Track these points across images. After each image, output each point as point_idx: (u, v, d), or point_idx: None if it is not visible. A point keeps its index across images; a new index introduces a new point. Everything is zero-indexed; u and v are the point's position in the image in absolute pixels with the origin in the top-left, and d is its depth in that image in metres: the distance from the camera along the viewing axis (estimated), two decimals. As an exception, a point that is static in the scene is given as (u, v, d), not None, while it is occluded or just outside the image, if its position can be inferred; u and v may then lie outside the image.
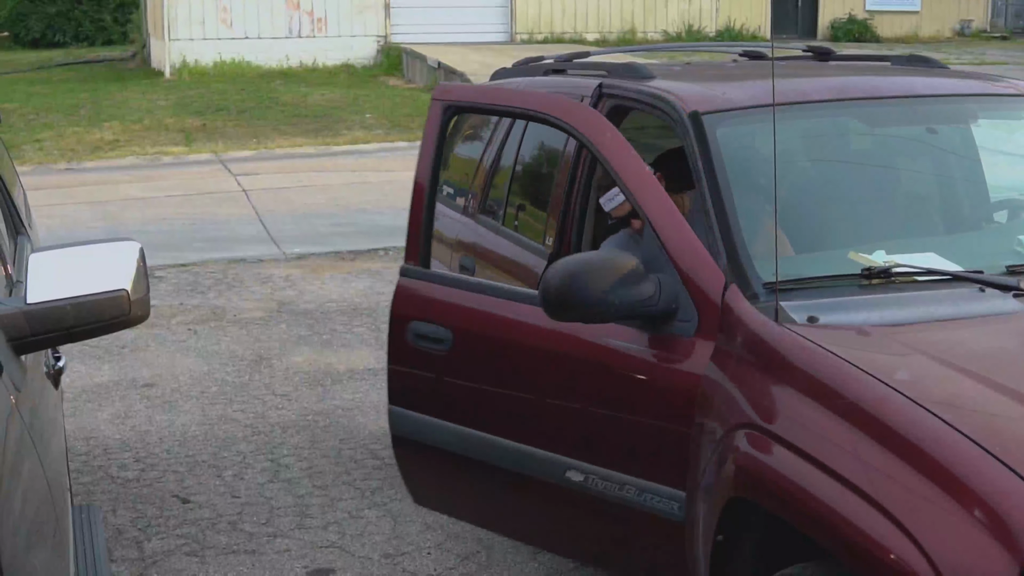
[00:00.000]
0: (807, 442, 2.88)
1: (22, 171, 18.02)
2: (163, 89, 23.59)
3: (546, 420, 3.94)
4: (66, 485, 3.46)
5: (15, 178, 5.69)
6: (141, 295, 2.74)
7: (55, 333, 2.65)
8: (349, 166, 16.68)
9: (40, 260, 2.66)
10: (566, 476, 3.79)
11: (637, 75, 4.39)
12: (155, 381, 7.53)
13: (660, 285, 3.43)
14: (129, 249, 2.76)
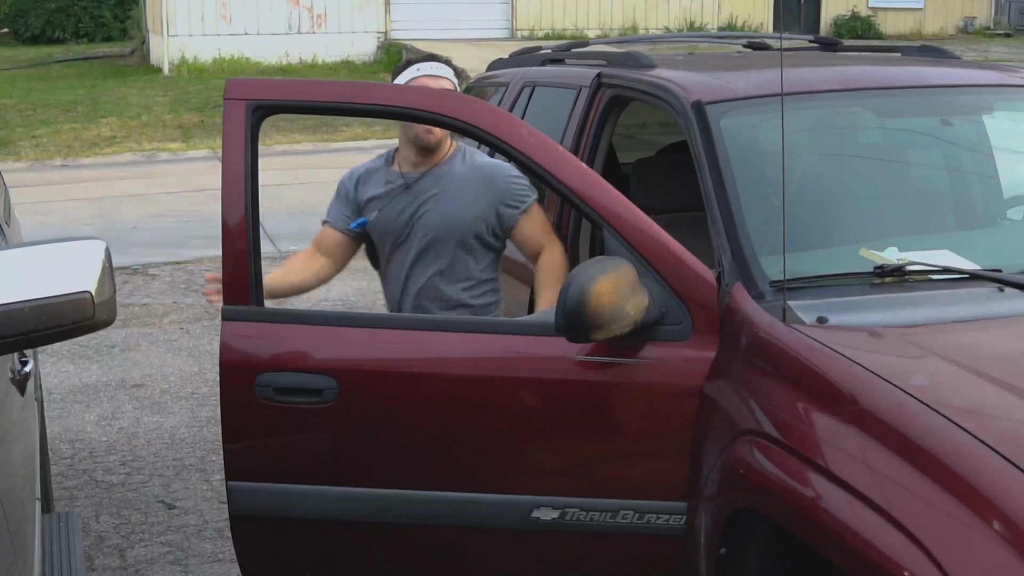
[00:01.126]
0: (816, 450, 2.70)
1: (17, 167, 17.96)
2: (161, 85, 23.43)
3: (496, 459, 3.37)
4: (33, 494, 3.29)
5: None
6: (106, 297, 2.55)
7: (12, 338, 2.46)
8: (348, 163, 16.47)
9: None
10: (533, 516, 3.29)
11: (638, 64, 4.21)
12: (144, 381, 7.36)
13: (651, 290, 3.18)
14: (94, 248, 2.58)
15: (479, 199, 4.04)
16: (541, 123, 4.79)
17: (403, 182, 4.09)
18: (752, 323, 3.07)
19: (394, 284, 4.16)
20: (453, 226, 4.04)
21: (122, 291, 9.79)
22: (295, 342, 3.41)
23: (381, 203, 4.10)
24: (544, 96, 4.83)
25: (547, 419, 3.34)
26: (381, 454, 3.40)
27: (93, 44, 34.58)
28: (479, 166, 4.11)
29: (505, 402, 3.32)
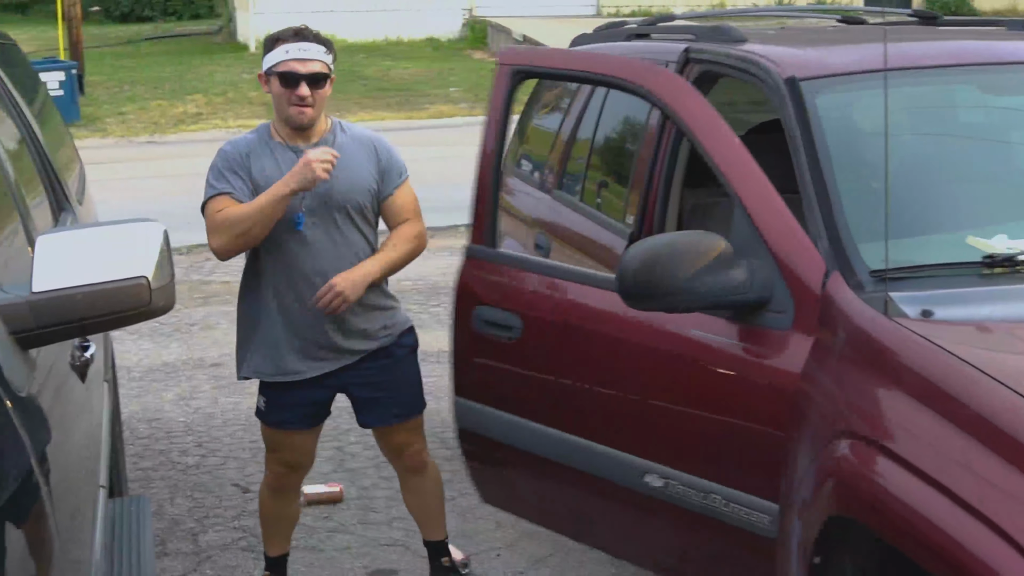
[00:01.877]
0: (921, 456, 2.49)
1: (105, 144, 18.09)
2: (248, 63, 23.46)
3: (623, 418, 3.57)
4: (95, 481, 3.18)
5: (72, 153, 5.45)
6: (164, 283, 2.42)
7: (65, 325, 2.34)
8: (432, 140, 16.38)
9: (49, 243, 2.36)
10: (644, 480, 3.43)
11: (728, 38, 4.00)
12: (223, 361, 7.28)
13: (753, 271, 3.05)
14: (152, 231, 2.45)
15: (368, 166, 4.04)
16: (626, 101, 4.60)
17: (293, 156, 3.97)
18: (850, 316, 2.87)
19: (283, 260, 4.01)
20: (355, 193, 4.00)
21: (203, 269, 9.76)
22: (502, 283, 3.92)
23: (268, 176, 3.97)
24: (630, 72, 4.63)
25: (661, 388, 3.42)
26: (545, 393, 3.78)
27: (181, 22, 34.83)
28: (359, 135, 4.11)
29: (632, 365, 3.51)
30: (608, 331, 3.58)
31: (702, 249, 3.05)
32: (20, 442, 2.08)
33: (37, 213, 3.55)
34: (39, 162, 3.94)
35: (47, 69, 18.28)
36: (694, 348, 3.33)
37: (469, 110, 18.66)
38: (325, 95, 3.95)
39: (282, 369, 4.08)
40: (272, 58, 3.91)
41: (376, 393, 4.17)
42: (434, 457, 5.56)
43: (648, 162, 4.12)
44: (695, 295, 3.04)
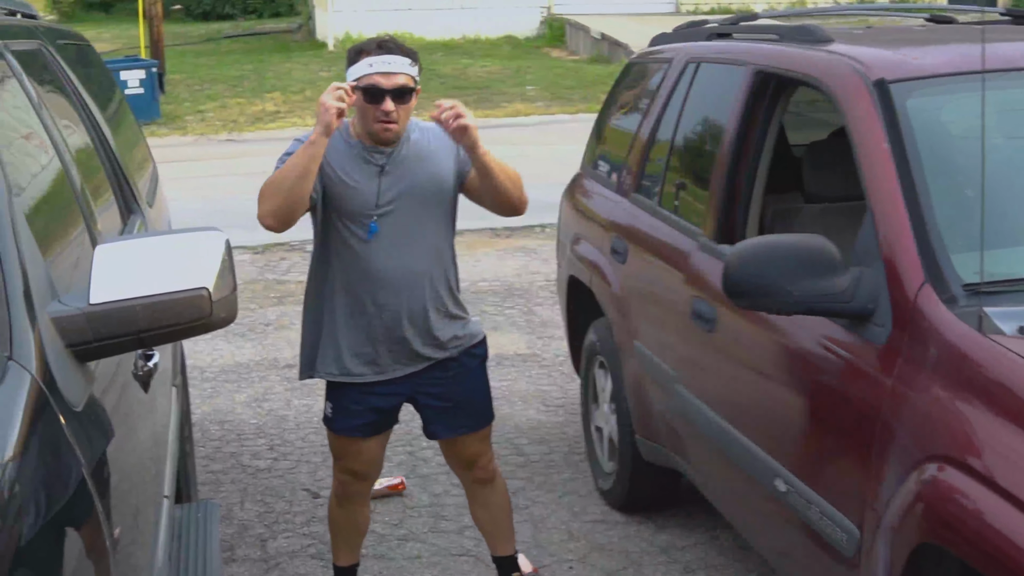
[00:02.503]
0: (1018, 484, 2.35)
1: (184, 142, 18.21)
2: (326, 61, 23.55)
3: (757, 414, 3.59)
4: (158, 489, 3.12)
5: (145, 154, 5.42)
6: (225, 294, 2.35)
7: (123, 338, 2.27)
8: (508, 139, 16.29)
9: (107, 253, 2.29)
10: (774, 483, 3.38)
11: (812, 38, 3.86)
12: (297, 362, 7.19)
13: (859, 280, 2.93)
14: (213, 240, 2.37)
15: (446, 155, 3.93)
16: (706, 103, 4.48)
17: (372, 158, 3.86)
18: (942, 331, 2.73)
19: (354, 258, 3.90)
20: (436, 183, 3.90)
21: (278, 268, 9.76)
22: (712, 271, 3.81)
23: (349, 174, 3.86)
24: (710, 73, 4.50)
25: (787, 392, 3.42)
26: (723, 383, 3.83)
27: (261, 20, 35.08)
28: (431, 128, 3.94)
29: (768, 361, 3.53)
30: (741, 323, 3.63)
31: (804, 252, 2.98)
32: (73, 457, 2.02)
33: (105, 216, 3.50)
34: (108, 165, 3.90)
35: (128, 67, 18.47)
36: (806, 350, 3.28)
37: (545, 108, 18.56)
38: (410, 108, 3.82)
39: (347, 370, 4.01)
40: (356, 71, 3.79)
41: (444, 403, 4.07)
42: (507, 464, 5.49)
43: (729, 166, 3.99)
44: (793, 299, 2.99)
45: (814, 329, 3.18)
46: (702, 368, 3.96)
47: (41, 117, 2.97)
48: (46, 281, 2.30)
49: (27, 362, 2.05)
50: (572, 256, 5.44)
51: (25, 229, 2.31)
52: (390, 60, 3.76)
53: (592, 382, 5.28)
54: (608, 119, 5.57)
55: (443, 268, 3.99)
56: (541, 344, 7.49)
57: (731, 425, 3.67)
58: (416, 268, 3.91)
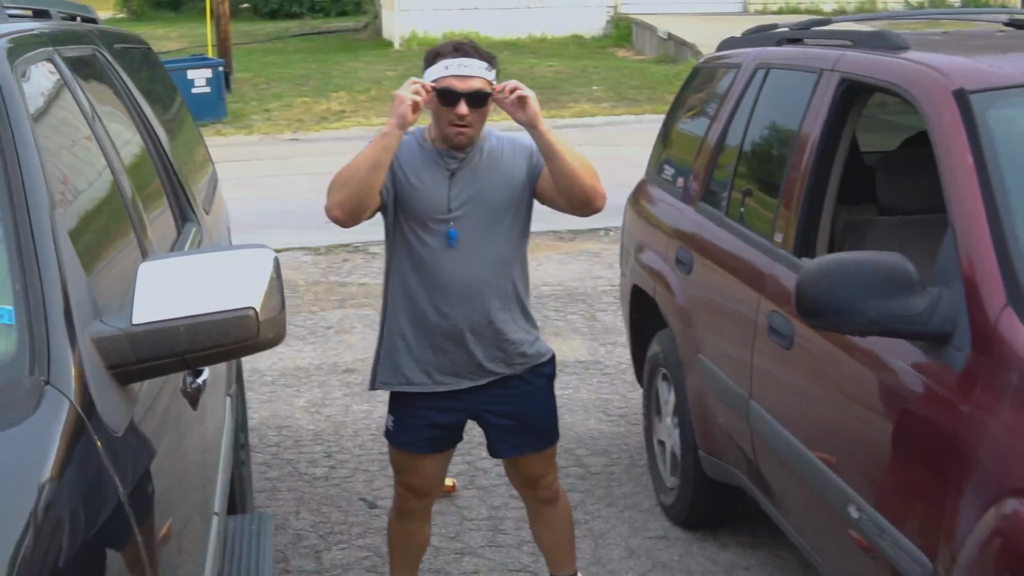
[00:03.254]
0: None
1: (249, 141, 18.27)
2: (392, 60, 23.56)
3: (832, 435, 3.45)
4: (207, 506, 3.05)
5: (204, 159, 5.37)
6: (272, 314, 2.26)
7: (166, 359, 2.19)
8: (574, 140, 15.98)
9: (151, 271, 2.21)
10: (847, 509, 3.23)
11: (888, 45, 3.71)
12: (357, 366, 7.19)
13: (937, 301, 2.80)
14: (261, 258, 2.29)
15: (520, 162, 3.82)
16: (776, 110, 4.34)
17: (444, 162, 3.76)
18: None
19: (422, 266, 3.80)
20: (509, 190, 3.79)
21: (341, 269, 9.71)
22: (787, 286, 3.68)
23: (420, 177, 3.77)
24: (780, 80, 4.36)
25: (864, 415, 3.26)
26: (797, 401, 3.69)
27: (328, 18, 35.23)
28: (507, 136, 3.86)
29: (843, 380, 3.37)
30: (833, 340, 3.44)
31: (882, 270, 2.85)
32: (111, 483, 1.95)
33: (158, 226, 3.44)
34: (163, 172, 3.84)
35: (195, 67, 18.56)
36: (884, 372, 3.14)
37: (611, 109, 18.43)
38: (486, 114, 3.71)
39: (408, 379, 3.91)
40: (431, 73, 3.69)
41: (509, 422, 3.97)
42: (567, 476, 5.39)
43: (800, 175, 3.86)
44: (867, 319, 2.85)
45: (893, 350, 3.04)
46: (776, 385, 3.82)
47: (92, 125, 2.91)
48: (88, 300, 2.23)
49: (65, 386, 1.98)
50: (636, 264, 5.32)
51: (68, 245, 2.24)
52: (466, 63, 3.65)
53: (655, 394, 5.16)
54: (674, 125, 5.44)
55: (511, 280, 3.88)
56: (604, 351, 7.37)
57: (804, 445, 3.54)
58: (482, 278, 3.81)
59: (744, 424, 4.03)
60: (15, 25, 2.93)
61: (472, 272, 3.79)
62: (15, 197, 2.18)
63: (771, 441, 3.80)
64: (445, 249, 3.77)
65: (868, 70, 3.70)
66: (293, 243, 10.54)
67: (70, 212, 2.44)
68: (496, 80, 3.71)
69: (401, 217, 3.80)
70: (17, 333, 2.03)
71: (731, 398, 4.13)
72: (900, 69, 3.51)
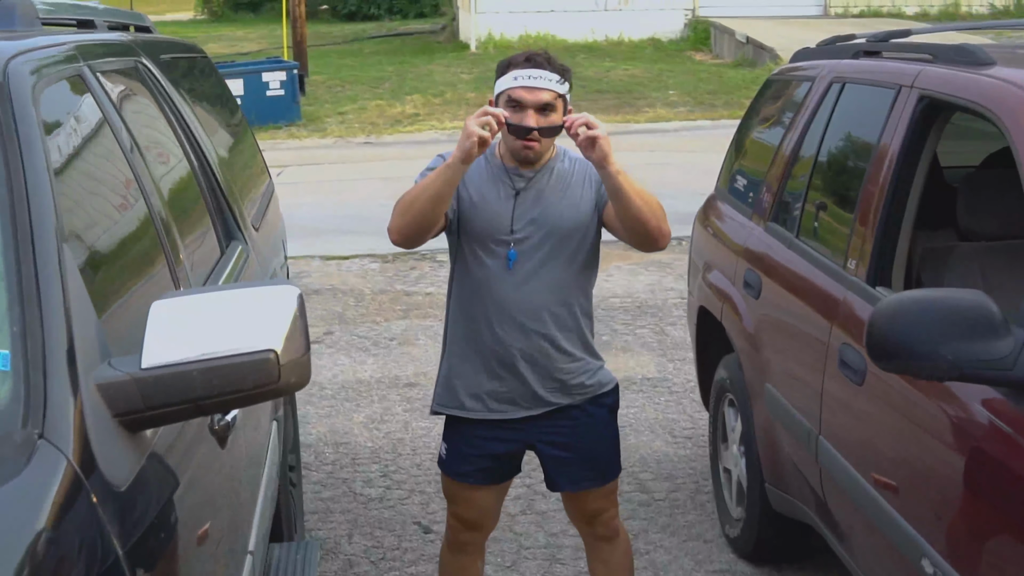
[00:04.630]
0: None
1: (323, 144, 18.28)
2: (468, 62, 23.47)
3: (906, 481, 3.21)
4: (246, 547, 2.91)
5: (259, 171, 5.24)
6: (295, 356, 2.09)
7: (178, 406, 2.04)
8: (648, 145, 15.95)
9: (164, 309, 2.05)
10: (920, 563, 3.01)
11: (971, 60, 3.48)
12: (418, 380, 7.04)
13: (1023, 345, 2.56)
14: (285, 295, 2.12)
15: (588, 189, 3.64)
16: (851, 127, 4.13)
17: (510, 182, 3.59)
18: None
19: (483, 290, 3.62)
20: (576, 219, 3.61)
21: (408, 278, 9.58)
22: (860, 317, 3.49)
23: (483, 195, 3.60)
24: (856, 95, 4.14)
25: (941, 462, 3.03)
26: (869, 442, 3.44)
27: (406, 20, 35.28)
28: (582, 161, 3.67)
29: (930, 429, 3.12)
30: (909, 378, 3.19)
31: (963, 311, 2.61)
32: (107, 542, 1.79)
33: (198, 247, 3.30)
34: (208, 188, 3.70)
35: (270, 69, 18.58)
36: (964, 418, 2.92)
37: (687, 114, 18.18)
38: (556, 127, 3.53)
39: (462, 404, 3.74)
40: (501, 84, 3.53)
41: (568, 454, 3.77)
42: (629, 503, 5.19)
43: (875, 198, 3.63)
44: (945, 363, 2.60)
45: (974, 394, 2.82)
46: (846, 422, 3.59)
47: (123, 145, 2.77)
48: (96, 341, 2.07)
49: (61, 440, 1.83)
50: (703, 284, 5.11)
51: (77, 280, 2.09)
52: (537, 75, 3.47)
53: (721, 420, 4.95)
54: (745, 139, 5.22)
55: (572, 307, 3.69)
56: (672, 368, 7.16)
57: (874, 489, 3.31)
58: (540, 303, 3.62)
59: (812, 461, 3.81)
60: (46, 39, 2.80)
61: (530, 297, 3.61)
62: (19, 229, 2.03)
63: (840, 481, 3.58)
64: (504, 271, 3.59)
65: (950, 87, 3.47)
66: (361, 249, 10.44)
67: (86, 243, 2.30)
68: (569, 94, 3.55)
69: (463, 235, 3.64)
70: (12, 381, 1.88)
71: (799, 432, 3.91)
72: (984, 87, 3.28)
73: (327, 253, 10.47)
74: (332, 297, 9.07)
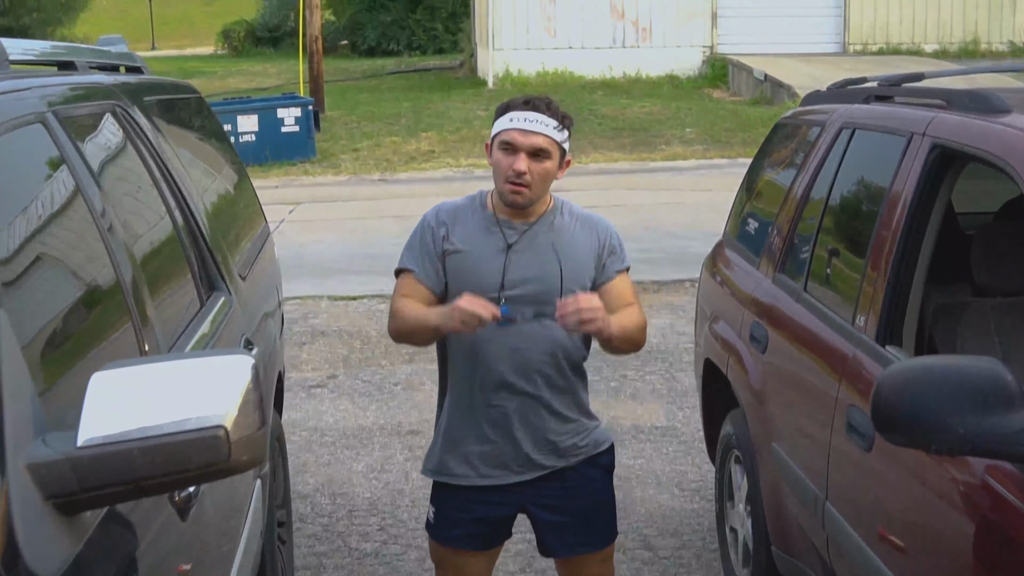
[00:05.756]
0: None
1: (337, 181, 18.19)
2: (484, 99, 23.41)
3: (916, 557, 3.02)
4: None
5: (254, 213, 5.10)
6: (248, 433, 1.93)
7: (116, 488, 1.88)
8: (664, 184, 15.82)
9: (105, 381, 1.90)
10: None
11: (986, 107, 3.31)
12: (421, 428, 6.87)
13: None
14: (237, 366, 1.96)
15: (589, 252, 3.50)
16: (862, 176, 3.97)
17: (502, 234, 3.45)
18: None
19: (473, 349, 3.47)
20: (572, 283, 3.45)
21: (415, 320, 9.41)
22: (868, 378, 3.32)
23: (474, 247, 3.46)
24: (867, 142, 3.97)
25: (953, 538, 2.83)
26: (878, 512, 3.25)
27: (425, 56, 35.33)
28: (583, 218, 3.55)
29: (941, 502, 2.91)
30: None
31: (975, 380, 2.42)
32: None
33: (173, 302, 3.15)
34: (188, 238, 3.55)
35: (284, 105, 18.53)
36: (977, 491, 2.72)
37: (704, 152, 18.05)
38: (548, 174, 3.37)
39: (449, 469, 3.57)
40: (497, 126, 3.41)
41: (562, 518, 3.59)
42: (632, 561, 5.01)
43: (886, 251, 3.46)
44: (956, 437, 2.41)
45: (988, 467, 2.64)
46: (854, 490, 3.40)
47: (85, 195, 2.62)
48: (31, 418, 1.91)
49: (-22, 530, 1.67)
50: (709, 335, 4.94)
51: (13, 350, 1.93)
52: (534, 118, 3.34)
53: (727, 476, 4.76)
54: (753, 186, 5.06)
55: (566, 368, 3.52)
56: (681, 416, 6.98)
57: (883, 563, 3.13)
58: (533, 364, 3.46)
59: (819, 526, 3.63)
60: (7, 83, 2.66)
61: (522, 357, 3.45)
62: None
63: (848, 551, 3.39)
64: (494, 330, 3.42)
65: (963, 136, 3.30)
66: (370, 290, 10.30)
67: (32, 305, 2.14)
68: (567, 143, 3.39)
69: (451, 293, 3.48)
70: (-73, 464, 1.73)
71: (805, 496, 3.73)
72: (999, 136, 3.11)
73: (336, 293, 10.34)
74: (338, 339, 8.92)
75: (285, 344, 8.91)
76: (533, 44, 24.88)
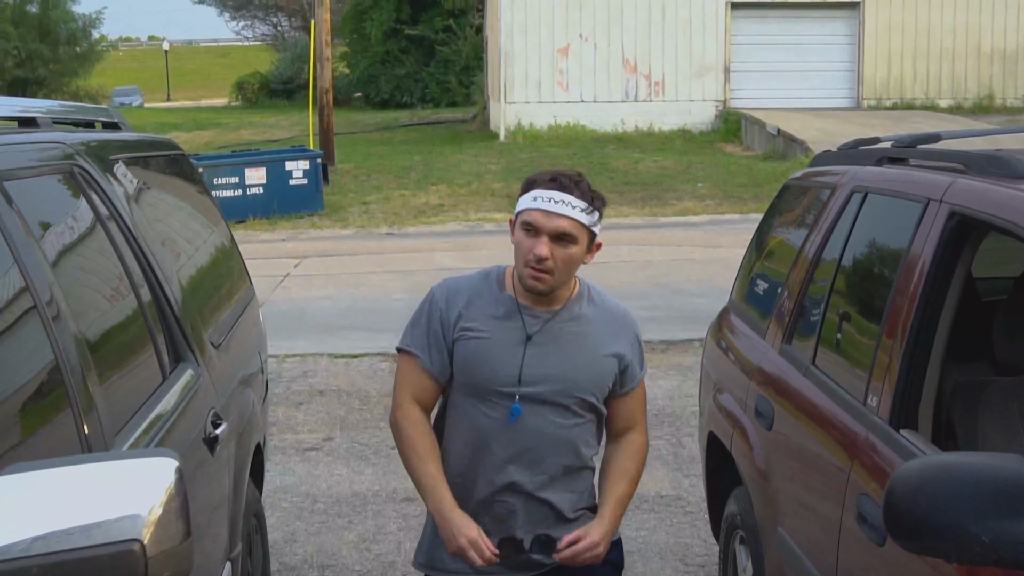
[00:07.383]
0: None
1: (343, 235, 17.99)
2: (496, 152, 23.28)
3: None
4: None
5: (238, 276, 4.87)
6: (168, 546, 1.70)
7: (11, 612, 1.65)
8: (675, 240, 15.61)
9: (8, 486, 1.67)
10: None
11: (1009, 172, 3.08)
12: (416, 495, 6.55)
13: None
14: (158, 469, 1.73)
15: (613, 349, 3.24)
16: (874, 244, 3.73)
17: (522, 323, 3.18)
18: None
19: (479, 437, 3.22)
20: (593, 380, 3.21)
21: (417, 379, 9.17)
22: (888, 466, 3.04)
23: (491, 334, 3.18)
24: (879, 207, 3.73)
25: None
26: None
27: (438, 109, 35.33)
28: (611, 309, 3.30)
29: None
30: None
31: (998, 480, 2.17)
32: None
33: (130, 378, 2.92)
34: (152, 306, 3.31)
35: (293, 158, 18.42)
36: None
37: (716, 207, 17.85)
38: (573, 260, 3.11)
39: (442, 564, 3.30)
40: (520, 203, 3.13)
41: None
42: (634, 645, 4.73)
43: (900, 327, 3.21)
44: (979, 545, 2.17)
45: None
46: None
47: (24, 269, 2.39)
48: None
49: None
50: (713, 408, 4.68)
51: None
52: (560, 198, 3.05)
53: (732, 556, 4.49)
54: (760, 250, 4.82)
55: (579, 467, 3.28)
56: (687, 484, 6.70)
57: None
58: (545, 463, 3.21)
59: None
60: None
61: (533, 455, 3.19)
62: None
63: None
64: (504, 426, 3.16)
65: (983, 203, 3.06)
66: (372, 348, 10.06)
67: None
68: (597, 225, 3.14)
69: (462, 384, 3.21)
70: None
71: (814, 589, 3.46)
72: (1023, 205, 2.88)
73: (336, 351, 10.10)
74: (336, 399, 8.68)
75: (281, 404, 8.70)
76: (545, 98, 24.79)
